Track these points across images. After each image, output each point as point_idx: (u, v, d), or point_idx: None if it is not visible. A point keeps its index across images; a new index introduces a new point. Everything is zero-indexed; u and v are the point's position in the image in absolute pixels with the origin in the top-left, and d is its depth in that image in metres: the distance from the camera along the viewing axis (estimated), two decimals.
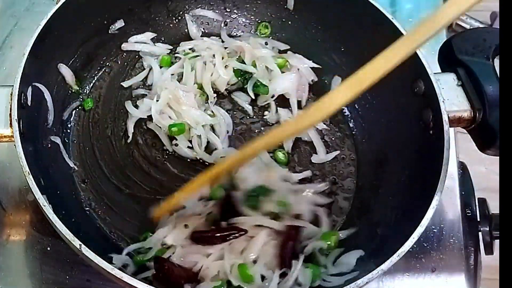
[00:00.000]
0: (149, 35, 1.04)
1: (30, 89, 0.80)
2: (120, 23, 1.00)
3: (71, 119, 0.95)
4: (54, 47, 0.87)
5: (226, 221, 0.81)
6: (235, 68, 0.97)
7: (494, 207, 0.90)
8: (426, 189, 0.75)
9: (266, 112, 0.99)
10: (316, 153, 0.95)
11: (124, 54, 1.02)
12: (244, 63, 0.98)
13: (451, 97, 0.80)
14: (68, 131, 0.94)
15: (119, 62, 1.02)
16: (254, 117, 0.99)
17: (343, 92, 0.63)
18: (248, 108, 0.99)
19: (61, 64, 0.91)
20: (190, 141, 0.92)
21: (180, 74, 0.99)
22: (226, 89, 0.99)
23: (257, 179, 0.85)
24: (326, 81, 1.01)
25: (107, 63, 1.01)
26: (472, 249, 0.88)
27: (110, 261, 0.66)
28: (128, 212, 0.88)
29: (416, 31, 0.61)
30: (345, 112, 0.99)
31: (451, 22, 0.60)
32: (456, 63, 0.83)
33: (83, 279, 0.83)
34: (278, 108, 0.98)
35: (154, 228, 0.83)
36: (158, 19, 1.04)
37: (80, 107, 0.97)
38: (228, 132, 0.95)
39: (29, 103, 0.79)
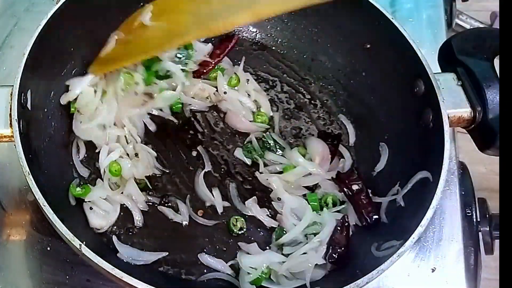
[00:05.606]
0: None
1: (30, 89, 0.80)
2: None
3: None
4: (54, 47, 0.87)
5: None
6: None
7: (494, 207, 0.90)
8: (426, 189, 0.75)
9: None
10: None
11: None
12: None
13: (451, 97, 0.80)
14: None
15: None
16: None
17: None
18: None
19: None
20: None
21: None
22: None
23: None
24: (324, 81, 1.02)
25: None
26: (472, 249, 0.88)
27: (110, 261, 0.66)
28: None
29: None
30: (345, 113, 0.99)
31: None
32: (456, 63, 0.83)
33: (83, 279, 0.83)
34: None
35: None
36: None
37: None
38: None
39: (29, 104, 0.79)
